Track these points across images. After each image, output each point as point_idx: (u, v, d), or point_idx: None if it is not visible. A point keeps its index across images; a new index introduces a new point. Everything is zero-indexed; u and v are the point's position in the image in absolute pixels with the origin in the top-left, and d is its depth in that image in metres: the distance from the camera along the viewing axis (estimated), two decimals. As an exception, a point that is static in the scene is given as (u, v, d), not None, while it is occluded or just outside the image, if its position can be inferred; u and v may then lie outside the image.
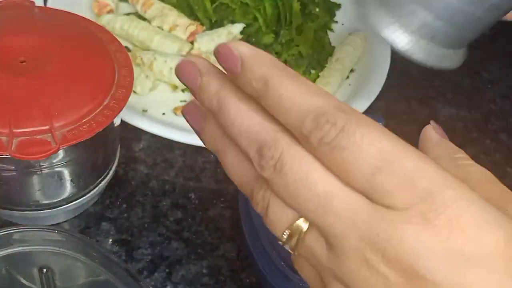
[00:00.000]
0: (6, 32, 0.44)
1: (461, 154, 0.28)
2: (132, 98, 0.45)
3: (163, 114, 0.58)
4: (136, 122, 0.54)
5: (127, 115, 0.54)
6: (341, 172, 0.23)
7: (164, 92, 0.60)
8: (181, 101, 0.59)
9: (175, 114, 0.58)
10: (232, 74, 0.25)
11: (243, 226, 0.46)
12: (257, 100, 0.25)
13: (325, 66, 0.63)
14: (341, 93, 0.61)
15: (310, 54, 0.63)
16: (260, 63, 0.24)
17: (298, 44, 0.63)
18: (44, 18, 0.48)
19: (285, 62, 0.63)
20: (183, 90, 0.60)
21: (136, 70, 0.52)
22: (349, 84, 0.63)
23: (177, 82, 0.59)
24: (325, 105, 0.23)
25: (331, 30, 0.69)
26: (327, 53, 0.65)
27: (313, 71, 0.63)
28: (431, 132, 0.29)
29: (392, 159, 0.22)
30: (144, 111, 0.57)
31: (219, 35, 0.63)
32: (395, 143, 0.22)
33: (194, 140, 0.54)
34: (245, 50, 0.24)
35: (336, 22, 0.70)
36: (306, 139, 0.23)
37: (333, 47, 0.66)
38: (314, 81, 0.61)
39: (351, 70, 0.64)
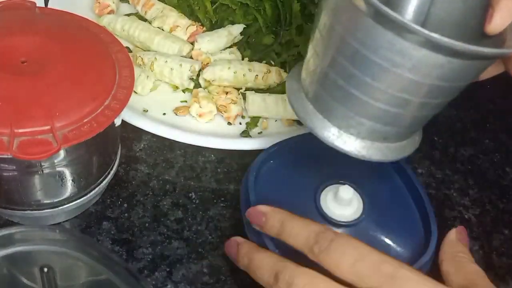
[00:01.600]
0: (7, 32, 0.45)
1: (462, 254, 0.41)
2: (133, 98, 0.45)
3: (164, 114, 0.58)
4: (137, 122, 0.55)
5: (128, 115, 0.54)
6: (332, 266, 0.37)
7: (164, 93, 0.60)
8: (181, 101, 0.60)
9: (176, 114, 0.58)
10: (259, 226, 0.41)
11: (244, 225, 0.46)
12: (278, 237, 0.40)
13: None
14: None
15: (310, 54, 0.63)
16: (276, 213, 0.40)
17: (298, 44, 0.63)
18: (45, 18, 0.48)
19: (285, 62, 0.63)
20: (183, 91, 0.61)
21: (137, 71, 0.52)
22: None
23: (177, 82, 0.60)
24: (320, 229, 0.38)
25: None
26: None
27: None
28: (452, 234, 0.43)
29: (363, 255, 0.36)
30: (145, 111, 0.58)
31: (219, 36, 0.63)
32: (367, 252, 0.36)
33: (194, 140, 0.55)
34: (266, 208, 0.41)
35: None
36: (310, 249, 0.37)
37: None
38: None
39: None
